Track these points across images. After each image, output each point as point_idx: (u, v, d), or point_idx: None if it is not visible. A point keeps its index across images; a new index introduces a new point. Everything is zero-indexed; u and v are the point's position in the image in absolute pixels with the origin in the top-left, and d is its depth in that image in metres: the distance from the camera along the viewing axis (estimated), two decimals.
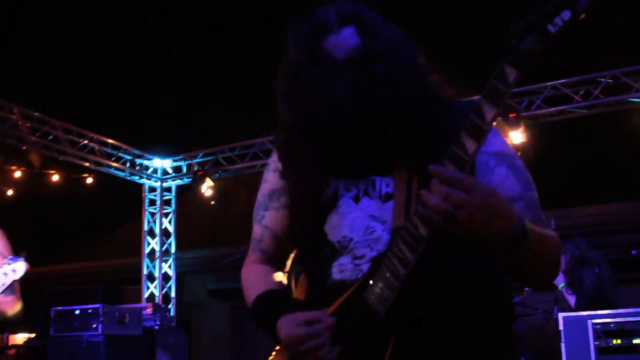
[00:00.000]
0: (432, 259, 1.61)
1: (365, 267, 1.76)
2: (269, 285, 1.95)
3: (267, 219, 2.01)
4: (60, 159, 9.50)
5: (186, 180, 10.73)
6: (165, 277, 10.75)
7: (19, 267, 3.44)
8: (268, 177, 2.04)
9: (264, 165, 8.87)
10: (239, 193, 11.55)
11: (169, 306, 10.44)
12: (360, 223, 1.81)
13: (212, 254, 11.50)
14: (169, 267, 10.80)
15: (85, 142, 9.53)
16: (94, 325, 6.68)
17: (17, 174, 11.05)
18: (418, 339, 1.66)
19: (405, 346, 1.64)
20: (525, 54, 1.44)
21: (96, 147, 9.72)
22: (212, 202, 10.27)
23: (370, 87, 1.69)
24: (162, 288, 10.66)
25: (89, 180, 12.28)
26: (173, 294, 10.71)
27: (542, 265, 1.66)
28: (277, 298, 1.91)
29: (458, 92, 1.88)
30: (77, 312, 6.75)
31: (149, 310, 7.65)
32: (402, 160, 1.80)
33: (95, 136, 9.64)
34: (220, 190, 10.29)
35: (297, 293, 1.96)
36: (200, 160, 10.53)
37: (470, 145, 1.49)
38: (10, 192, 11.62)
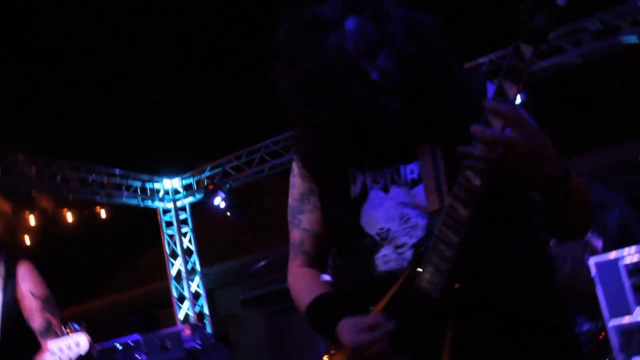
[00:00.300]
0: (476, 238, 1.63)
1: (408, 255, 1.79)
2: (321, 288, 1.99)
3: (304, 222, 2.06)
4: (71, 198, 9.52)
5: (198, 197, 10.76)
6: (196, 296, 10.78)
7: (82, 341, 3.27)
8: (295, 182, 2.08)
9: (273, 168, 8.92)
10: (252, 199, 11.57)
11: (205, 323, 10.47)
12: (394, 212, 1.83)
13: (238, 264, 11.54)
14: (197, 285, 10.83)
15: (93, 176, 9.56)
16: (138, 357, 6.72)
17: (32, 220, 11.09)
18: (475, 319, 1.68)
19: (464, 326, 1.66)
20: (538, 30, 1.46)
21: (105, 179, 9.76)
22: (228, 214, 10.28)
23: (390, 64, 1.70)
24: (195, 307, 10.69)
25: (103, 214, 12.36)
26: (206, 311, 10.74)
27: (582, 209, 1.68)
28: (332, 302, 1.95)
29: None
30: (119, 346, 6.78)
31: (188, 332, 7.68)
32: (424, 144, 1.81)
33: (102, 169, 9.67)
34: (233, 200, 10.30)
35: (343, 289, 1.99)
36: (209, 174, 10.54)
37: (497, 124, 1.52)
38: (27, 240, 11.68)
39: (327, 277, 2.06)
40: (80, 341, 3.23)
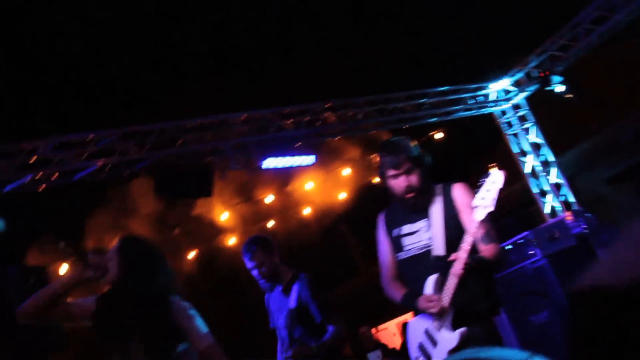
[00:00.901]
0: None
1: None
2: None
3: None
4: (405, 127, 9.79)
5: (532, 88, 10.41)
6: (557, 187, 10.52)
7: (497, 176, 3.41)
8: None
9: (602, 35, 8.13)
10: (589, 73, 10.85)
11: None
12: None
13: (592, 145, 10.97)
14: (556, 176, 10.54)
15: (426, 100, 9.75)
16: (532, 252, 6.74)
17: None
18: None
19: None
20: None
21: (438, 100, 9.91)
22: (570, 95, 9.78)
23: None
24: (559, 198, 10.44)
25: (438, 135, 12.60)
26: (571, 199, 10.43)
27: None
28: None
29: None
30: (510, 246, 6.86)
31: (570, 218, 7.50)
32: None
33: (432, 91, 9.82)
34: (570, 80, 9.76)
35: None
36: (536, 63, 10.12)
37: None
38: (375, 180, 12.35)
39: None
40: (495, 179, 3.42)
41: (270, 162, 7.92)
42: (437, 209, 3.67)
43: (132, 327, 3.26)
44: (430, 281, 3.57)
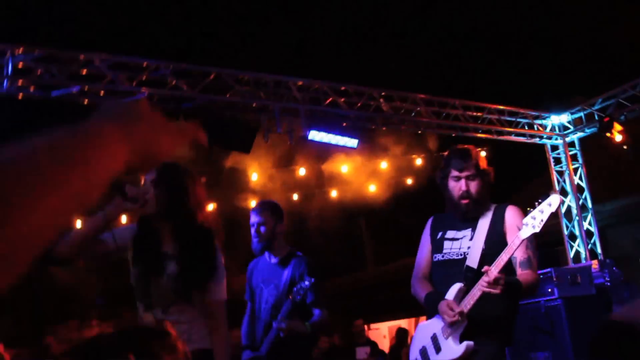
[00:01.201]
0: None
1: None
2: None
3: None
4: (454, 135, 9.62)
5: (589, 131, 10.22)
6: (588, 234, 10.34)
7: (554, 200, 3.34)
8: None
9: None
10: None
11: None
12: None
13: (634, 201, 10.74)
14: (589, 223, 10.36)
15: (483, 114, 9.60)
16: (549, 290, 6.61)
17: (418, 161, 11.53)
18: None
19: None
20: None
21: (494, 117, 9.76)
22: (625, 147, 9.58)
23: None
24: (587, 245, 10.27)
25: (482, 154, 12.37)
26: (599, 250, 10.25)
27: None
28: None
29: None
30: None
31: (595, 267, 7.35)
32: None
33: (493, 106, 9.67)
34: (630, 132, 9.55)
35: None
36: (599, 106, 9.91)
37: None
38: (409, 181, 12.17)
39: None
40: (552, 202, 3.34)
41: (315, 135, 7.85)
42: (484, 223, 3.65)
43: (170, 253, 3.23)
44: (454, 289, 3.53)
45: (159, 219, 3.28)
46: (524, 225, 3.35)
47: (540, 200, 3.38)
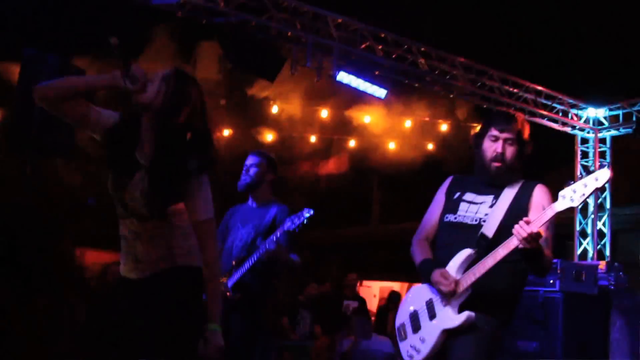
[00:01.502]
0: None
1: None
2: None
3: None
4: (487, 107, 9.28)
5: (623, 131, 9.87)
6: (600, 235, 10.08)
7: (603, 174, 2.99)
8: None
9: None
10: None
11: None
12: None
13: None
14: (603, 224, 10.09)
15: (520, 92, 9.25)
16: (551, 281, 6.38)
17: (443, 127, 11.18)
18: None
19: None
20: None
21: (530, 96, 9.40)
22: None
23: None
24: (596, 245, 10.02)
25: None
26: (607, 252, 10.00)
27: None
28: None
29: None
30: None
31: (602, 268, 7.10)
32: None
33: (531, 85, 9.30)
34: None
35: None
36: (639, 108, 9.52)
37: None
38: (430, 146, 11.83)
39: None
40: (599, 176, 2.98)
41: (344, 77, 7.54)
42: (509, 194, 3.36)
43: (142, 163, 2.97)
44: (463, 254, 3.25)
45: (147, 117, 3.02)
46: (560, 197, 3.01)
47: (586, 174, 3.05)
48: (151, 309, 2.88)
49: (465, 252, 3.24)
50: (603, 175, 2.97)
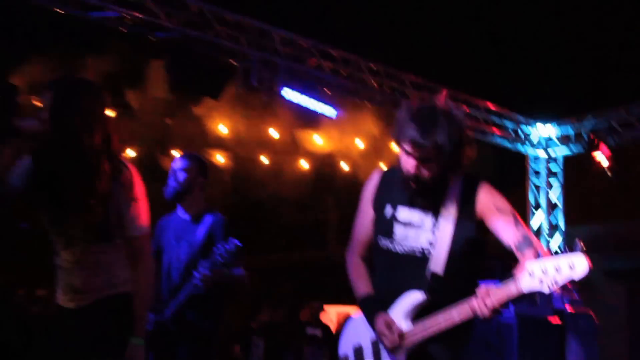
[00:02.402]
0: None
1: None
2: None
3: None
4: None
5: (574, 149, 9.81)
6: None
7: (580, 264, 2.48)
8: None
9: None
10: (638, 161, 10.24)
11: None
12: None
13: (608, 230, 10.37)
14: (558, 244, 9.99)
15: (470, 109, 9.13)
16: None
17: (395, 146, 10.98)
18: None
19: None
20: None
21: (481, 115, 9.29)
22: (609, 173, 9.16)
23: None
24: None
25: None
26: None
27: None
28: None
29: None
30: None
31: (558, 292, 6.95)
32: None
33: (481, 102, 9.19)
34: (616, 158, 9.14)
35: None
36: (590, 127, 9.45)
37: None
38: (383, 166, 11.63)
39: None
40: (576, 264, 2.46)
41: (289, 93, 7.29)
42: (450, 209, 2.84)
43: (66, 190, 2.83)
44: (412, 299, 2.82)
45: (50, 146, 2.85)
46: (527, 274, 2.53)
47: (564, 252, 2.56)
48: (92, 338, 2.86)
49: (415, 298, 2.81)
50: (580, 266, 2.49)
